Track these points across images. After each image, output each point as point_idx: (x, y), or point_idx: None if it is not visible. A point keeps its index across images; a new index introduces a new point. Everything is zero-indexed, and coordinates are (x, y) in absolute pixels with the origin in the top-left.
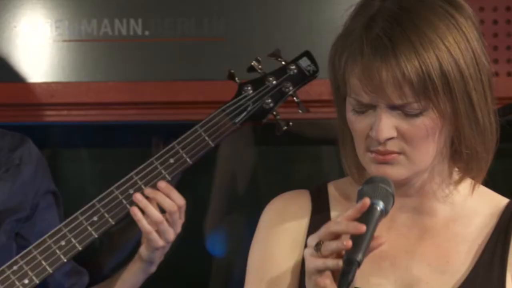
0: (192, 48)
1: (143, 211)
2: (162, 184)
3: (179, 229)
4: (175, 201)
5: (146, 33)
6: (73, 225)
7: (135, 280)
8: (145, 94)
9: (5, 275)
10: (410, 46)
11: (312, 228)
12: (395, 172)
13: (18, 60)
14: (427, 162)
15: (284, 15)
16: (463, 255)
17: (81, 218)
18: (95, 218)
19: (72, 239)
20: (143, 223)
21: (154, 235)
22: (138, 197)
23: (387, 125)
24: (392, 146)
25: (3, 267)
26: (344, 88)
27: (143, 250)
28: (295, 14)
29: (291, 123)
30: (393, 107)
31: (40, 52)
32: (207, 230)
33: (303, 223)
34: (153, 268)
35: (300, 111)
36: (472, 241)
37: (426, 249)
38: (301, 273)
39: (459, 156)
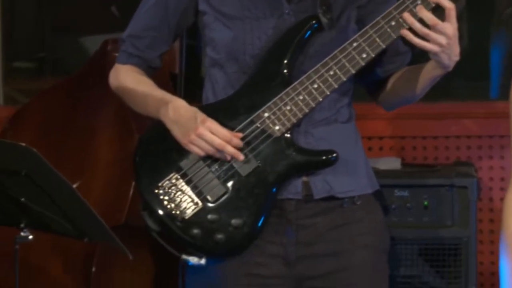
0: None
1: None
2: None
3: (450, 32)
4: (445, 6)
5: None
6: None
7: (434, 73)
8: None
9: (347, 51)
10: None
11: None
12: None
13: None
14: None
15: None
16: None
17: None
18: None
19: (400, 20)
20: (414, 40)
21: (427, 46)
22: (405, 15)
23: None
24: None
25: (345, 44)
26: None
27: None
28: None
29: None
30: None
31: None
32: None
33: None
34: (446, 69)
35: None
36: None
37: None
38: None
39: None
